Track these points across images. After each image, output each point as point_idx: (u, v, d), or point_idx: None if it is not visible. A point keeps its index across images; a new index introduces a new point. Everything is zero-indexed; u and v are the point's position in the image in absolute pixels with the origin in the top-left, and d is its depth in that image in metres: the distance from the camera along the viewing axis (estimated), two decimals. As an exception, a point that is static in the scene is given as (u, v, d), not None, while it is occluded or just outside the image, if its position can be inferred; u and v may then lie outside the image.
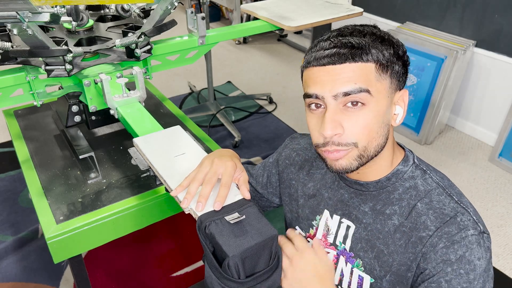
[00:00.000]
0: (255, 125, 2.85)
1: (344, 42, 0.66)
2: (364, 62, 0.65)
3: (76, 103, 1.19)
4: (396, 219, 0.73)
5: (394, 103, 0.71)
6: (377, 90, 0.66)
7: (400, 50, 0.69)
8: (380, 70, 0.66)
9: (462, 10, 2.51)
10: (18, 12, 0.78)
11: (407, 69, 0.72)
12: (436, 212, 0.70)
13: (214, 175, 0.76)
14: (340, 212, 0.81)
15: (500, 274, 1.79)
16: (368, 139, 0.68)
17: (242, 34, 1.54)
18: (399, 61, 0.69)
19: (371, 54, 0.65)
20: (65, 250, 1.01)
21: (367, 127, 0.67)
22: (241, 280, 0.66)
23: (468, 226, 0.68)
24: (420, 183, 0.74)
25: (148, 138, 0.92)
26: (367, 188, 0.76)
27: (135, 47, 1.13)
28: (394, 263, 0.73)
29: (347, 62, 0.64)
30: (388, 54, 0.67)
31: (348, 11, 1.76)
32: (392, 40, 0.69)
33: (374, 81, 0.66)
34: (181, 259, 1.80)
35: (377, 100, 0.67)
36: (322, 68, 0.66)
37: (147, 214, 1.09)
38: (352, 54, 0.65)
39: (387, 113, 0.70)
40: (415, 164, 0.76)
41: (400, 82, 0.71)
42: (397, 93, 0.71)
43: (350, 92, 0.65)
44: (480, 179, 2.33)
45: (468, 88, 2.63)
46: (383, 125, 0.69)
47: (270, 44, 4.18)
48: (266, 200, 0.99)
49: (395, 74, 0.68)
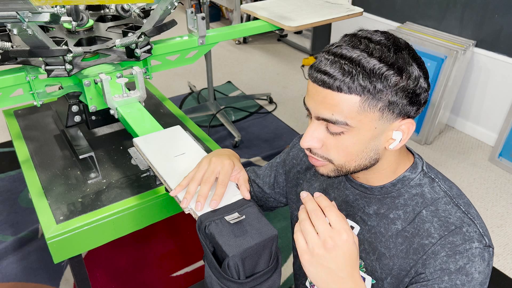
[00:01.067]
0: (255, 125, 2.85)
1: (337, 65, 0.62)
2: (347, 94, 0.61)
3: (76, 103, 1.19)
4: (399, 224, 0.73)
5: (392, 129, 0.66)
6: (359, 121, 0.63)
7: (410, 83, 0.62)
8: (366, 103, 0.62)
9: (462, 10, 2.51)
10: (18, 12, 0.78)
11: (417, 101, 0.64)
12: (441, 220, 0.69)
13: (212, 174, 0.76)
14: (344, 213, 0.81)
15: (500, 274, 1.79)
16: (345, 160, 0.68)
17: (242, 34, 1.54)
18: (400, 93, 0.62)
19: (357, 86, 0.60)
20: (65, 250, 1.01)
21: (345, 150, 0.67)
22: (241, 280, 0.66)
23: (473, 238, 0.67)
24: (427, 191, 0.73)
25: (148, 138, 0.92)
26: (371, 192, 0.76)
27: (135, 47, 1.13)
28: (394, 267, 0.73)
29: (330, 89, 0.62)
30: (382, 87, 0.61)
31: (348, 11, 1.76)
32: (403, 69, 0.62)
33: (356, 113, 0.62)
34: (181, 259, 1.80)
35: (358, 130, 0.64)
36: (314, 85, 0.65)
37: (147, 214, 1.09)
38: (334, 84, 0.61)
39: (376, 140, 0.66)
40: (423, 171, 0.75)
41: (403, 111, 0.64)
42: (398, 121, 0.65)
43: (328, 120, 0.64)
44: (480, 179, 2.33)
45: (468, 88, 2.63)
46: (367, 150, 0.67)
47: (270, 44, 4.18)
48: (273, 200, 0.99)
49: (390, 106, 0.63)
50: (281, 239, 1.88)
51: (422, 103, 0.66)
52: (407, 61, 0.63)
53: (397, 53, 0.63)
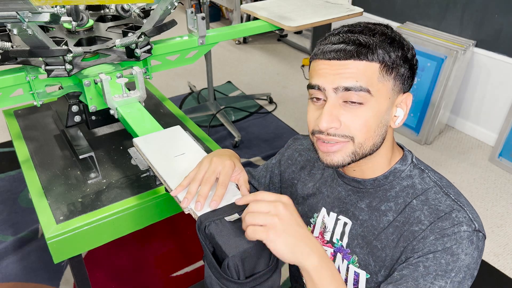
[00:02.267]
0: (255, 125, 2.85)
1: (352, 39, 0.66)
2: (369, 61, 0.65)
3: (76, 103, 1.19)
4: (390, 215, 0.74)
5: (395, 105, 0.70)
6: (378, 90, 0.66)
7: (409, 53, 0.69)
8: (384, 71, 0.66)
9: (462, 10, 2.51)
10: (18, 12, 0.78)
11: (414, 73, 0.71)
12: (431, 208, 0.70)
13: (212, 174, 0.76)
14: (337, 210, 0.81)
15: (500, 274, 1.79)
16: (365, 137, 0.68)
17: (242, 34, 1.54)
18: (405, 64, 0.68)
19: (377, 54, 0.65)
20: (65, 250, 1.01)
21: (365, 124, 0.67)
22: (241, 280, 0.66)
23: (462, 223, 0.67)
24: (417, 182, 0.74)
25: (148, 138, 0.92)
26: (364, 185, 0.77)
27: (135, 47, 1.13)
28: (387, 258, 0.73)
29: (352, 59, 0.65)
30: (395, 56, 0.67)
31: (348, 11, 1.76)
32: (402, 42, 0.69)
33: (376, 81, 0.66)
34: (181, 259, 1.80)
35: (377, 100, 0.67)
36: (327, 61, 0.67)
37: (147, 214, 1.09)
38: (357, 52, 0.65)
39: (387, 114, 0.70)
40: (413, 163, 0.77)
41: (405, 85, 0.70)
42: (400, 96, 0.71)
43: (351, 88, 0.65)
44: (480, 179, 2.33)
45: (468, 88, 2.63)
46: (381, 125, 0.69)
47: (270, 44, 4.18)
48: None
49: (399, 76, 0.68)
50: (281, 239, 1.88)
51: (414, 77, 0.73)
52: (401, 37, 0.70)
53: (392, 31, 0.70)
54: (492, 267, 1.81)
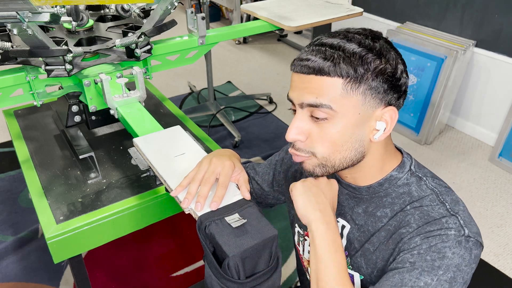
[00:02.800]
0: (255, 125, 2.85)
1: (319, 53, 0.65)
2: (330, 76, 0.64)
3: (76, 103, 1.19)
4: (385, 221, 0.74)
5: (374, 118, 0.67)
6: (343, 105, 0.65)
7: (388, 65, 0.65)
8: (348, 86, 0.64)
9: (462, 10, 2.51)
10: (18, 12, 0.78)
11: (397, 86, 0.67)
12: (422, 213, 0.70)
13: (212, 174, 0.76)
14: (336, 212, 0.81)
15: (500, 274, 1.79)
16: (328, 152, 0.68)
17: (242, 34, 1.54)
18: (380, 77, 0.64)
19: (339, 69, 0.63)
20: (65, 250, 1.01)
21: (329, 139, 0.67)
22: (241, 280, 0.66)
23: (451, 228, 0.66)
24: (414, 190, 0.73)
25: (148, 138, 0.92)
26: (359, 192, 0.77)
27: (135, 47, 1.13)
28: (378, 260, 0.74)
29: (314, 74, 0.65)
30: (363, 70, 0.63)
31: (348, 11, 1.76)
32: (382, 53, 0.65)
33: (339, 97, 0.64)
34: (181, 259, 1.80)
35: (342, 116, 0.65)
36: (296, 74, 0.68)
37: (147, 214, 1.09)
38: (318, 68, 0.64)
39: (359, 129, 0.67)
40: (411, 171, 0.75)
41: (385, 99, 0.66)
42: (380, 109, 0.67)
43: (312, 105, 0.65)
44: (480, 179, 2.33)
45: (468, 88, 2.63)
46: (351, 141, 0.68)
47: (270, 44, 4.18)
48: (272, 197, 0.99)
49: (371, 90, 0.65)
50: (281, 239, 1.88)
51: (402, 91, 0.68)
52: (384, 48, 0.66)
53: (374, 40, 0.66)
54: (492, 267, 1.81)
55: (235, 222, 0.69)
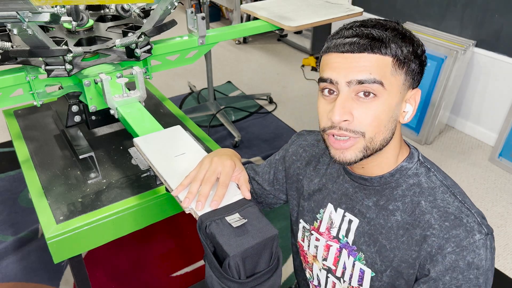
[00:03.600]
0: (255, 125, 2.85)
1: (365, 32, 0.67)
2: (382, 54, 0.66)
3: (76, 103, 1.19)
4: (399, 215, 0.74)
5: (405, 100, 0.71)
6: (391, 84, 0.67)
7: (419, 49, 0.70)
8: (396, 65, 0.67)
9: (462, 10, 2.51)
10: (18, 12, 0.78)
11: (423, 69, 0.72)
12: (440, 211, 0.70)
13: (213, 174, 0.76)
14: (344, 206, 0.81)
15: (500, 274, 1.79)
16: (375, 131, 0.68)
17: (242, 34, 1.54)
18: (416, 59, 0.69)
19: (390, 48, 0.66)
20: (65, 250, 1.01)
21: (377, 118, 0.68)
22: (242, 280, 0.66)
23: (474, 230, 0.68)
24: (424, 181, 0.74)
25: (148, 138, 0.92)
26: (371, 183, 0.77)
27: (135, 47, 1.13)
28: (395, 259, 0.73)
29: (366, 52, 0.65)
30: (407, 51, 0.67)
31: (348, 11, 1.76)
32: (413, 38, 0.70)
33: (389, 75, 0.66)
34: (181, 259, 1.80)
35: (389, 94, 0.67)
36: (341, 55, 0.67)
37: (147, 214, 1.09)
38: (371, 45, 0.65)
39: (397, 109, 0.70)
40: (419, 161, 0.77)
41: (415, 81, 0.71)
42: (410, 91, 0.71)
43: (364, 81, 0.65)
44: (480, 179, 2.33)
45: (468, 88, 2.63)
46: (392, 120, 0.69)
47: (270, 44, 4.18)
48: (273, 197, 0.99)
49: (410, 71, 0.69)
50: (281, 239, 1.88)
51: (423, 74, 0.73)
52: (411, 33, 0.71)
53: (403, 27, 0.71)
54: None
55: (235, 222, 0.69)
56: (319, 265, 0.88)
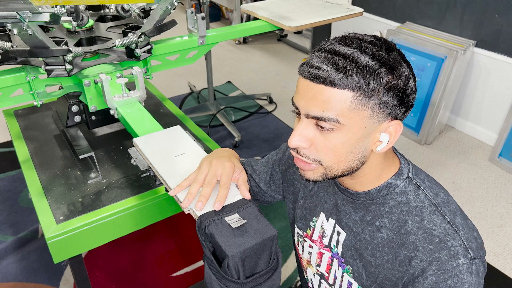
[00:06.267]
0: (255, 125, 2.85)
1: (331, 60, 0.63)
2: (341, 89, 0.61)
3: (76, 103, 1.19)
4: (385, 233, 0.73)
5: (379, 131, 0.67)
6: (350, 118, 0.63)
7: (400, 81, 0.63)
8: (358, 100, 0.62)
9: (462, 10, 2.51)
10: (18, 12, 0.78)
11: (406, 101, 0.66)
12: (426, 233, 0.69)
13: (213, 176, 0.76)
14: (335, 217, 0.81)
15: (500, 274, 1.79)
16: (333, 161, 0.67)
17: (242, 34, 1.54)
18: (391, 92, 0.63)
19: (352, 81, 0.61)
20: (65, 250, 1.01)
21: (334, 150, 0.66)
22: (241, 280, 0.66)
23: (459, 254, 0.66)
24: (412, 199, 0.72)
25: (148, 138, 0.92)
26: (357, 197, 0.76)
27: (135, 47, 1.13)
28: (379, 276, 0.73)
29: (324, 84, 0.62)
30: (376, 84, 0.61)
31: (348, 11, 1.76)
32: (395, 67, 0.63)
33: (347, 110, 0.62)
34: (181, 259, 1.80)
35: (348, 128, 0.64)
36: (305, 80, 0.65)
37: (147, 214, 1.09)
38: (330, 79, 0.61)
39: (363, 141, 0.66)
40: (408, 178, 0.74)
41: (393, 112, 0.65)
42: (386, 122, 0.66)
43: (318, 118, 0.64)
44: (480, 179, 2.33)
45: (468, 88, 2.63)
46: (355, 151, 0.67)
47: (270, 44, 4.18)
48: (269, 196, 1.00)
49: (381, 105, 0.63)
50: (281, 239, 1.88)
51: (409, 105, 0.67)
52: (398, 61, 0.64)
53: (388, 52, 0.64)
54: (492, 267, 1.81)
55: (235, 223, 0.69)
56: (313, 270, 0.89)
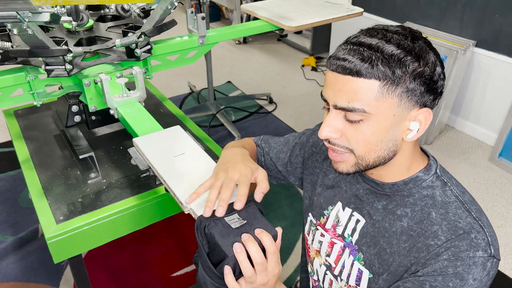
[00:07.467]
0: (255, 125, 2.85)
1: (356, 52, 0.64)
2: (367, 78, 0.63)
3: (76, 103, 1.19)
4: (405, 222, 0.73)
5: (409, 119, 0.67)
6: (377, 108, 0.64)
7: (426, 68, 0.64)
8: (385, 89, 0.63)
9: (462, 10, 2.51)
10: (18, 12, 0.78)
11: (434, 88, 0.66)
12: (450, 224, 0.68)
13: (231, 181, 0.73)
14: (352, 206, 0.81)
15: (500, 274, 1.79)
16: (365, 150, 0.68)
17: (242, 34, 1.54)
18: (418, 79, 0.63)
19: (377, 70, 0.62)
20: (65, 250, 1.01)
21: (364, 139, 0.67)
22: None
23: (479, 246, 0.66)
24: (438, 194, 0.72)
25: (148, 138, 0.92)
26: (382, 188, 0.76)
27: (135, 47, 1.13)
28: (393, 263, 0.73)
29: (350, 75, 0.63)
30: (401, 72, 0.62)
31: (348, 11, 1.76)
32: (421, 55, 0.64)
33: (373, 99, 0.63)
34: (181, 259, 1.80)
35: (376, 118, 0.65)
36: (331, 73, 0.67)
37: (147, 214, 1.09)
38: (356, 70, 0.63)
39: (393, 129, 0.67)
40: (436, 174, 0.74)
41: (421, 100, 0.66)
42: (415, 110, 0.66)
43: (345, 109, 0.65)
44: (480, 179, 2.33)
45: (468, 88, 2.63)
46: (385, 140, 0.67)
47: (270, 44, 4.18)
48: (282, 176, 1.00)
49: (408, 92, 0.64)
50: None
51: (439, 92, 0.67)
52: (423, 49, 0.65)
53: (414, 41, 0.65)
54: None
55: (235, 223, 0.69)
56: (321, 260, 0.88)
